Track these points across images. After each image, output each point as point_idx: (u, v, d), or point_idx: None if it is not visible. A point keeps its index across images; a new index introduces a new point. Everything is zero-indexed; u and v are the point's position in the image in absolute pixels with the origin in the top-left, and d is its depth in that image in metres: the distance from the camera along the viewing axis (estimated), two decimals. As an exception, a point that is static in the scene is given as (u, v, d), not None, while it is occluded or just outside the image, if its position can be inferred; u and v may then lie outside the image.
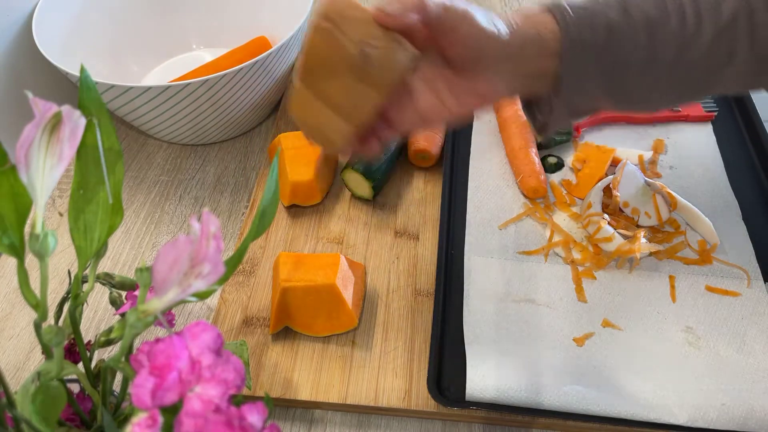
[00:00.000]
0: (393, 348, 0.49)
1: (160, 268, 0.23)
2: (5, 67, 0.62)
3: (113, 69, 0.68)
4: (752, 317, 0.49)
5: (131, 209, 0.61)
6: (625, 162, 0.56)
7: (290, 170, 0.56)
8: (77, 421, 0.32)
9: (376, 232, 0.57)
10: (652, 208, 0.54)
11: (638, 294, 0.50)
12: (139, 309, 0.25)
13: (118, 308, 0.37)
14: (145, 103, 0.55)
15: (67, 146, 0.26)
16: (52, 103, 0.25)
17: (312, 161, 0.57)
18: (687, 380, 0.45)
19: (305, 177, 0.56)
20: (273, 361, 0.48)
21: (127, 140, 0.68)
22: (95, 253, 0.30)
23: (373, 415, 0.47)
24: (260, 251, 0.55)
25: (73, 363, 0.31)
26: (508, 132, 0.61)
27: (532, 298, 0.50)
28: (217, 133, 0.64)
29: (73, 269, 0.56)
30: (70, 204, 0.29)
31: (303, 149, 0.57)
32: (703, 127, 0.64)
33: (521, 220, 0.56)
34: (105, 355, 0.49)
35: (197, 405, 0.22)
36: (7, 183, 0.27)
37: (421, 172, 0.62)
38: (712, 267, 0.52)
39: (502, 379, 0.44)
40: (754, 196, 0.58)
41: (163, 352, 0.23)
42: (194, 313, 0.53)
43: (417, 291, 0.52)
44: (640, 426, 0.43)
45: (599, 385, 0.44)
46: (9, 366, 0.49)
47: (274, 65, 0.58)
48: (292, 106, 0.38)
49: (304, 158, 0.57)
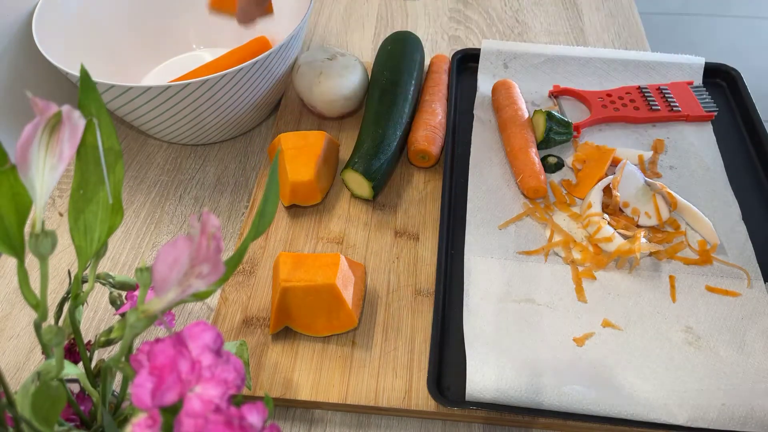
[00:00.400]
0: (393, 348, 0.49)
1: (160, 268, 0.23)
2: (5, 67, 0.62)
3: (113, 69, 0.68)
4: (752, 317, 0.49)
5: (131, 209, 0.61)
6: (625, 162, 0.56)
7: (290, 170, 0.56)
8: (77, 421, 0.32)
9: (376, 232, 0.57)
10: (652, 208, 0.55)
11: (638, 294, 0.50)
12: (139, 309, 0.25)
13: (118, 308, 0.37)
14: (145, 103, 0.55)
15: (67, 146, 0.26)
16: (52, 103, 0.25)
17: (312, 161, 0.56)
18: (687, 380, 0.45)
19: (305, 177, 0.56)
20: (273, 361, 0.48)
21: (127, 140, 0.68)
22: (95, 253, 0.30)
23: (373, 415, 0.47)
24: (260, 251, 0.55)
25: (73, 363, 0.31)
26: (508, 132, 0.61)
27: (532, 298, 0.50)
28: (217, 133, 0.64)
29: (73, 269, 0.56)
30: (70, 204, 0.29)
31: (303, 149, 0.57)
32: (703, 127, 0.64)
33: (521, 220, 0.56)
34: (105, 355, 0.49)
35: (197, 405, 0.22)
36: (7, 183, 0.27)
37: (421, 172, 0.62)
38: (712, 267, 0.52)
39: (502, 379, 0.44)
40: (754, 196, 0.58)
41: (163, 352, 0.23)
42: (194, 313, 0.53)
43: (417, 291, 0.52)
44: (640, 426, 0.43)
45: (599, 385, 0.44)
46: (9, 366, 0.49)
47: (274, 65, 0.59)
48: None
49: (304, 158, 0.57)
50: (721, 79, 0.69)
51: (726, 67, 0.69)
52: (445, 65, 0.69)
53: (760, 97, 0.57)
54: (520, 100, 0.63)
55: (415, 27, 0.83)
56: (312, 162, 0.56)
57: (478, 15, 0.85)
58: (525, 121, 0.61)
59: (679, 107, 0.64)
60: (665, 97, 0.65)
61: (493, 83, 0.67)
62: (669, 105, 0.65)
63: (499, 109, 0.64)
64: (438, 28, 0.83)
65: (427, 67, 0.70)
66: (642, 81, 0.68)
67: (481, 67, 0.70)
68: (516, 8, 0.85)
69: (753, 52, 1.91)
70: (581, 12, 0.84)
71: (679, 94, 0.66)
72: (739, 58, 1.65)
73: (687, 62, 0.68)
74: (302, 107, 0.69)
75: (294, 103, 0.70)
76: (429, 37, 0.82)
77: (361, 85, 0.64)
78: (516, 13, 0.85)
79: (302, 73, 0.63)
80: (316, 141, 0.58)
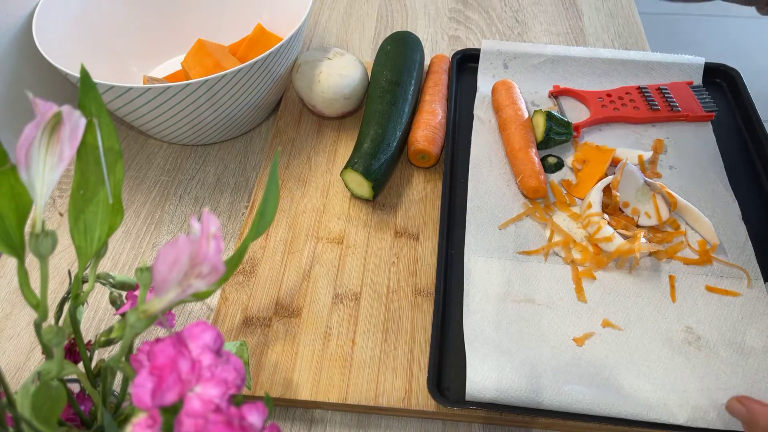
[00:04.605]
0: (393, 348, 0.49)
1: (160, 268, 0.23)
2: (5, 68, 0.62)
3: (113, 69, 0.68)
4: (752, 317, 0.49)
5: (131, 209, 0.61)
6: (625, 162, 0.56)
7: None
8: (77, 421, 0.32)
9: (376, 232, 0.57)
10: (652, 208, 0.55)
11: (638, 294, 0.50)
12: (139, 309, 0.25)
13: (118, 308, 0.37)
14: (145, 103, 0.55)
15: (67, 146, 0.26)
16: (52, 103, 0.25)
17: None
18: (687, 380, 0.45)
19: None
20: (273, 361, 0.48)
21: (127, 140, 0.68)
22: (95, 253, 0.30)
23: (373, 415, 0.47)
24: (260, 251, 0.55)
25: (73, 363, 0.31)
26: (508, 132, 0.61)
27: (532, 298, 0.50)
28: (217, 133, 0.64)
29: (73, 269, 0.56)
30: (70, 204, 0.29)
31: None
32: (703, 127, 0.64)
33: (521, 220, 0.56)
34: (105, 355, 0.49)
35: (197, 405, 0.22)
36: (7, 183, 0.27)
37: (421, 172, 0.62)
38: (712, 267, 0.52)
39: (502, 379, 0.44)
40: (754, 196, 0.58)
41: (163, 352, 0.23)
42: (194, 313, 0.53)
43: (417, 291, 0.52)
44: (640, 426, 0.43)
45: (599, 385, 0.44)
46: (9, 366, 0.49)
47: (274, 65, 0.58)
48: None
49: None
50: (721, 79, 0.69)
51: (726, 67, 0.69)
52: (445, 65, 0.69)
53: (760, 97, 0.57)
54: (520, 100, 0.63)
55: (415, 27, 0.83)
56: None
57: (478, 15, 0.85)
58: (525, 121, 0.61)
59: (679, 107, 0.64)
60: (665, 97, 0.65)
61: (493, 83, 0.67)
62: (669, 105, 0.65)
63: (499, 109, 0.64)
64: (438, 28, 0.83)
65: (427, 67, 0.70)
66: (642, 81, 0.68)
67: (481, 67, 0.70)
68: (516, 8, 0.85)
69: (753, 52, 1.91)
70: (581, 12, 0.84)
71: (678, 94, 0.66)
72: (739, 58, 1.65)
73: (687, 62, 0.68)
74: (302, 107, 0.69)
75: (294, 103, 0.70)
76: (429, 37, 0.82)
77: (361, 84, 0.64)
78: (516, 13, 0.85)
79: (302, 73, 0.63)
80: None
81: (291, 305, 0.52)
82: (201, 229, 0.23)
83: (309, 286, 0.53)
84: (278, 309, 0.51)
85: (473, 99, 0.67)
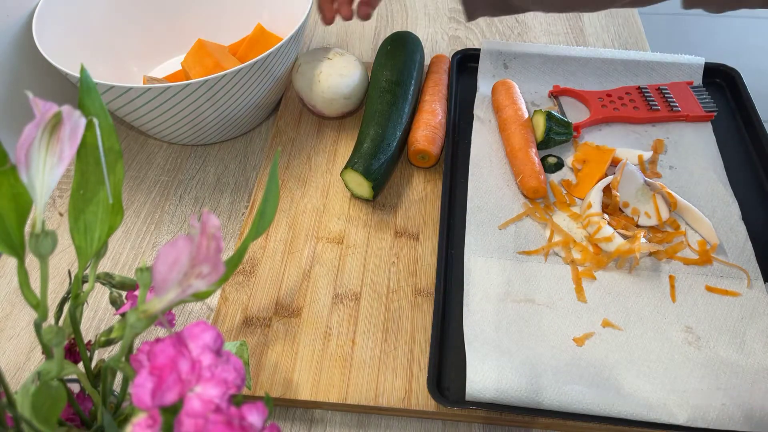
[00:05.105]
0: (393, 348, 0.49)
1: (160, 268, 0.23)
2: (5, 68, 0.62)
3: (113, 69, 0.68)
4: (752, 317, 0.49)
5: (131, 209, 0.61)
6: (625, 162, 0.56)
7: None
8: (77, 421, 0.32)
9: (376, 232, 0.57)
10: (652, 208, 0.55)
11: (638, 294, 0.50)
12: (139, 309, 0.25)
13: (118, 308, 0.37)
14: (145, 103, 0.55)
15: (67, 146, 0.26)
16: (52, 103, 0.25)
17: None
18: (687, 380, 0.45)
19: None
20: (273, 361, 0.48)
21: (127, 140, 0.68)
22: (95, 253, 0.30)
23: (373, 415, 0.47)
24: (260, 251, 0.55)
25: (73, 363, 0.31)
26: (508, 132, 0.61)
27: (532, 298, 0.50)
28: (217, 133, 0.64)
29: (73, 269, 0.56)
30: (70, 204, 0.29)
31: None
32: (703, 127, 0.64)
33: (521, 220, 0.56)
34: (105, 355, 0.49)
35: (197, 405, 0.22)
36: (7, 183, 0.27)
37: (421, 172, 0.62)
38: (712, 267, 0.52)
39: (502, 379, 0.44)
40: (754, 196, 0.58)
41: (163, 352, 0.23)
42: (194, 313, 0.53)
43: (417, 291, 0.52)
44: (640, 426, 0.43)
45: (599, 385, 0.44)
46: (9, 366, 0.49)
47: (274, 65, 0.58)
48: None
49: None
50: (721, 79, 0.69)
51: (726, 67, 0.69)
52: (445, 65, 0.69)
53: (760, 97, 0.57)
54: (520, 100, 0.63)
55: (415, 27, 0.83)
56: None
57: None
58: (525, 121, 0.61)
59: (679, 107, 0.64)
60: (665, 97, 0.65)
61: (493, 83, 0.67)
62: (669, 105, 0.65)
63: (499, 109, 0.64)
64: (438, 28, 0.83)
65: (427, 67, 0.70)
66: (642, 81, 0.68)
67: (481, 67, 0.70)
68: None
69: (753, 52, 1.91)
70: (581, 12, 0.84)
71: (678, 94, 0.66)
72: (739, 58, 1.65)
73: (687, 62, 0.68)
74: (302, 107, 0.69)
75: (294, 103, 0.70)
76: (429, 37, 0.82)
77: (360, 84, 0.64)
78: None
79: (302, 73, 0.63)
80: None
81: (291, 305, 0.52)
82: (201, 229, 0.23)
83: (309, 286, 0.53)
84: (278, 309, 0.51)
85: (473, 99, 0.67)
